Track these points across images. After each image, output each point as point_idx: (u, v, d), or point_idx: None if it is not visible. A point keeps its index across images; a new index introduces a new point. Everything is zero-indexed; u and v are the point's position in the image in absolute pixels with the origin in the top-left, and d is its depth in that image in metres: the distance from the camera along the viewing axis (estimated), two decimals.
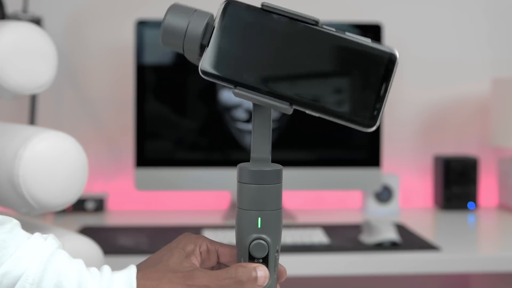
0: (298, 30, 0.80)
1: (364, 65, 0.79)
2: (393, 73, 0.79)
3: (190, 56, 0.85)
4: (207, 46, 0.81)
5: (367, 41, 0.79)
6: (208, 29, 0.82)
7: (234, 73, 0.81)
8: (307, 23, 0.80)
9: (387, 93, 0.79)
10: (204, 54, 0.81)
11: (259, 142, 0.85)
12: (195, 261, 0.86)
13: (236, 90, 0.81)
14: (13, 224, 0.84)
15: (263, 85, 0.81)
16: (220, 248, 0.88)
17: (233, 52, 0.81)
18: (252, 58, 0.81)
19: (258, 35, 0.81)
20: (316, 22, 0.80)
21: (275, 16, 0.80)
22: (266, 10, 0.81)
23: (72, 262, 0.82)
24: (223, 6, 0.81)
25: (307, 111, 0.81)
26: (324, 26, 0.80)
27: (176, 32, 0.82)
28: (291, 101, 0.80)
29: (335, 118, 0.80)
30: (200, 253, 0.87)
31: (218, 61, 0.81)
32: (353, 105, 0.79)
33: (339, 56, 0.80)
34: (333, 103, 0.80)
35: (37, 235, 0.84)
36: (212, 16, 0.83)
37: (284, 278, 0.88)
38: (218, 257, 0.89)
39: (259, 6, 0.81)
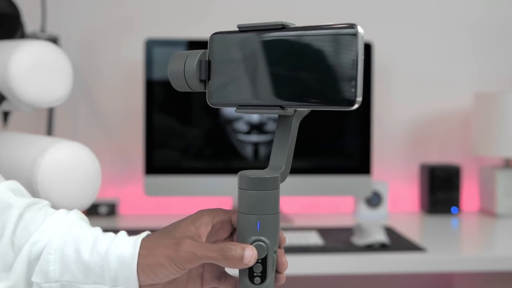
0: (269, 38, 0.80)
1: (331, 48, 0.76)
2: (358, 46, 0.74)
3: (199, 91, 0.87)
4: (208, 79, 0.83)
5: (328, 25, 0.76)
6: (202, 64, 0.84)
7: (234, 97, 0.83)
8: (274, 29, 0.80)
9: (359, 68, 0.74)
10: (207, 87, 0.84)
11: (276, 151, 0.85)
12: (203, 231, 0.85)
13: (237, 110, 0.84)
14: (43, 204, 0.90)
15: (254, 100, 0.82)
16: (233, 215, 0.87)
17: (228, 78, 0.83)
18: (241, 77, 0.82)
19: (241, 54, 0.82)
20: (282, 26, 0.79)
21: (250, 33, 0.82)
22: (242, 31, 0.82)
23: (89, 228, 0.87)
24: (209, 40, 0.84)
25: (298, 109, 0.82)
26: (291, 27, 0.79)
27: (177, 75, 0.85)
28: (281, 105, 0.80)
29: (320, 106, 0.77)
30: (213, 225, 0.86)
31: (219, 91, 0.83)
32: (332, 89, 0.75)
33: (308, 48, 0.78)
34: (314, 94, 0.77)
35: (61, 210, 0.89)
36: (204, 52, 0.84)
37: (285, 269, 0.88)
38: (232, 226, 0.88)
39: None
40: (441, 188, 2.41)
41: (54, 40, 2.12)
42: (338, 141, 2.34)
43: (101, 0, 2.42)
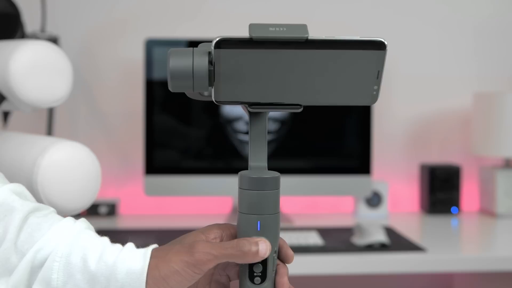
0: (293, 49, 0.78)
1: (359, 59, 0.80)
2: (385, 59, 0.80)
3: (195, 95, 0.84)
4: (214, 80, 0.79)
5: (356, 37, 0.79)
6: (211, 63, 0.79)
7: (245, 96, 0.80)
8: (298, 42, 0.78)
9: (382, 75, 0.81)
10: (214, 87, 0.80)
11: (257, 151, 0.84)
12: (213, 241, 0.84)
13: (250, 109, 0.81)
14: (49, 211, 0.88)
15: (273, 99, 0.81)
16: None
17: (239, 81, 0.79)
18: (258, 81, 0.80)
19: (257, 62, 0.79)
20: (305, 39, 0.77)
21: (266, 43, 0.77)
22: (256, 40, 0.77)
23: (97, 238, 0.84)
24: (214, 46, 0.76)
25: (317, 105, 0.83)
26: (314, 37, 0.78)
27: (184, 74, 0.79)
28: (302, 103, 0.81)
29: (341, 104, 0.82)
30: (222, 237, 0.85)
31: (228, 91, 0.80)
32: (355, 91, 0.81)
33: (335, 57, 0.79)
34: (338, 93, 0.81)
35: (68, 218, 0.86)
36: (210, 52, 0.79)
37: (291, 262, 0.88)
38: None
39: (248, 36, 0.77)
40: (441, 188, 2.41)
41: (54, 40, 2.12)
42: (338, 141, 2.34)
43: (101, 0, 2.42)
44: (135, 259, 0.80)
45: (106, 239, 0.84)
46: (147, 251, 0.81)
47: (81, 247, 0.81)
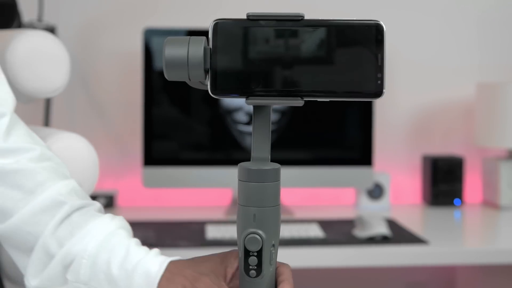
0: (288, 29, 0.79)
1: (357, 42, 0.79)
2: (384, 42, 0.79)
3: (196, 83, 0.84)
4: (210, 68, 0.80)
5: (352, 20, 0.79)
6: (207, 52, 0.80)
7: (242, 87, 0.80)
8: (294, 20, 0.79)
9: (384, 61, 0.79)
10: (209, 77, 0.80)
11: (259, 142, 0.84)
12: (229, 271, 0.90)
13: (248, 101, 0.81)
14: (93, 207, 0.97)
15: (271, 89, 0.80)
16: None
17: (235, 67, 0.80)
18: (254, 67, 0.80)
19: (252, 44, 0.80)
20: (301, 17, 0.79)
21: (262, 22, 0.79)
22: (252, 20, 0.80)
23: (125, 240, 0.92)
24: (212, 27, 0.80)
25: (318, 99, 0.81)
26: (311, 19, 0.80)
27: (178, 63, 0.80)
28: (301, 95, 0.81)
29: (344, 98, 0.81)
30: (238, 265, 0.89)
31: (224, 80, 0.80)
32: (358, 81, 0.80)
33: (332, 41, 0.79)
34: (339, 85, 0.80)
35: (107, 215, 0.96)
36: (206, 40, 0.81)
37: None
38: None
39: (245, 17, 0.80)
40: (443, 180, 2.41)
41: (51, 30, 2.12)
42: (339, 132, 2.35)
43: None
44: (153, 264, 0.89)
45: (133, 241, 0.93)
46: (166, 260, 0.89)
47: (108, 250, 0.90)
